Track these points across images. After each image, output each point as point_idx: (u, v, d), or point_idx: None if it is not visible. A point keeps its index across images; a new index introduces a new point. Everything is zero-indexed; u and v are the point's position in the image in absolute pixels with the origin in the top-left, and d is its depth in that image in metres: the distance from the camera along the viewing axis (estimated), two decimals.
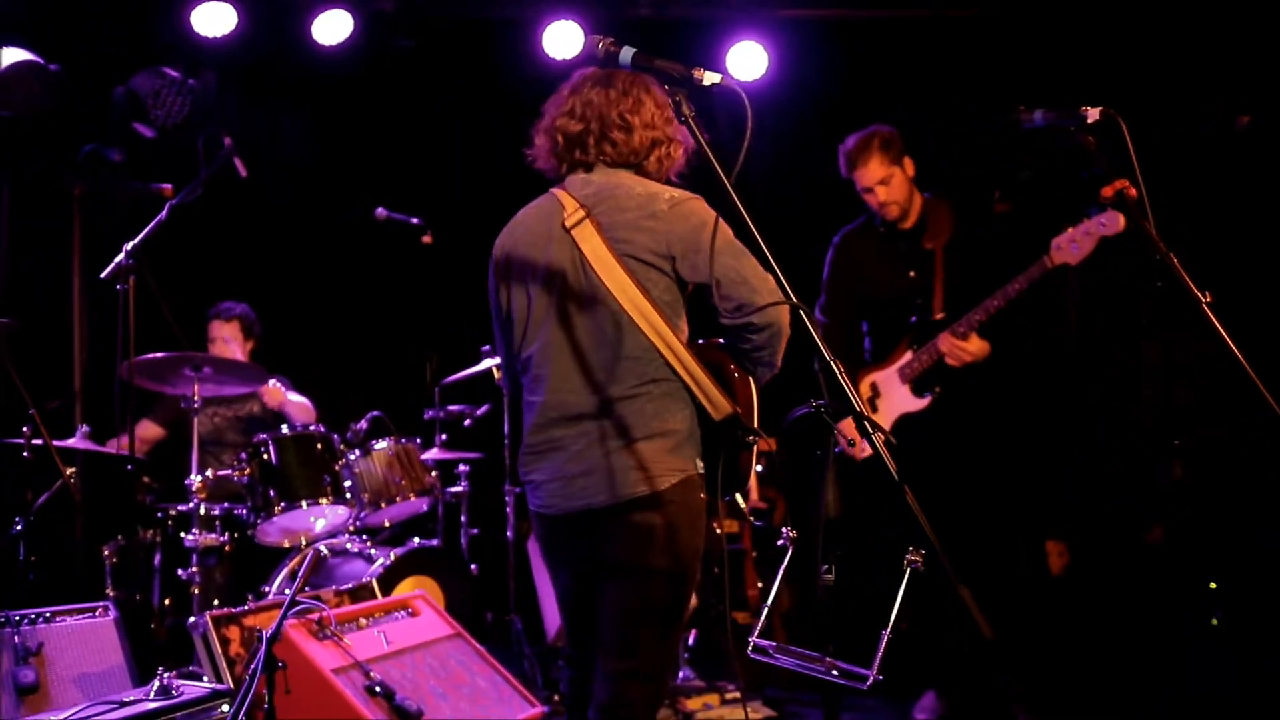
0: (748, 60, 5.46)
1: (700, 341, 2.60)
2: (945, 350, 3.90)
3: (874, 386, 4.13)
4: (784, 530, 2.28)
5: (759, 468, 4.90)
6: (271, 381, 4.70)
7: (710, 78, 2.13)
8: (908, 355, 4.03)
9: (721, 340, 2.59)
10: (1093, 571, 4.63)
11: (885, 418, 4.08)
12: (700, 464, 2.52)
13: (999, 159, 4.20)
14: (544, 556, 2.71)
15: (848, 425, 3.48)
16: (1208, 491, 4.31)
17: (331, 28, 5.31)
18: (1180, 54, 4.71)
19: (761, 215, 2.05)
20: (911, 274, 4.08)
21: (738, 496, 2.60)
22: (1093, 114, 2.59)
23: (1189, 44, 4.69)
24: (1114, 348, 4.76)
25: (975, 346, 3.87)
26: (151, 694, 2.72)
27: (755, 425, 2.54)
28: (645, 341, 2.46)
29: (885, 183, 4.02)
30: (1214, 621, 3.92)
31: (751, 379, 2.58)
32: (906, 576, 1.96)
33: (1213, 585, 3.96)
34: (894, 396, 4.08)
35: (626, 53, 2.19)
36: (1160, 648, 4.17)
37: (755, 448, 2.56)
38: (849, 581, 2.14)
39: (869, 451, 3.60)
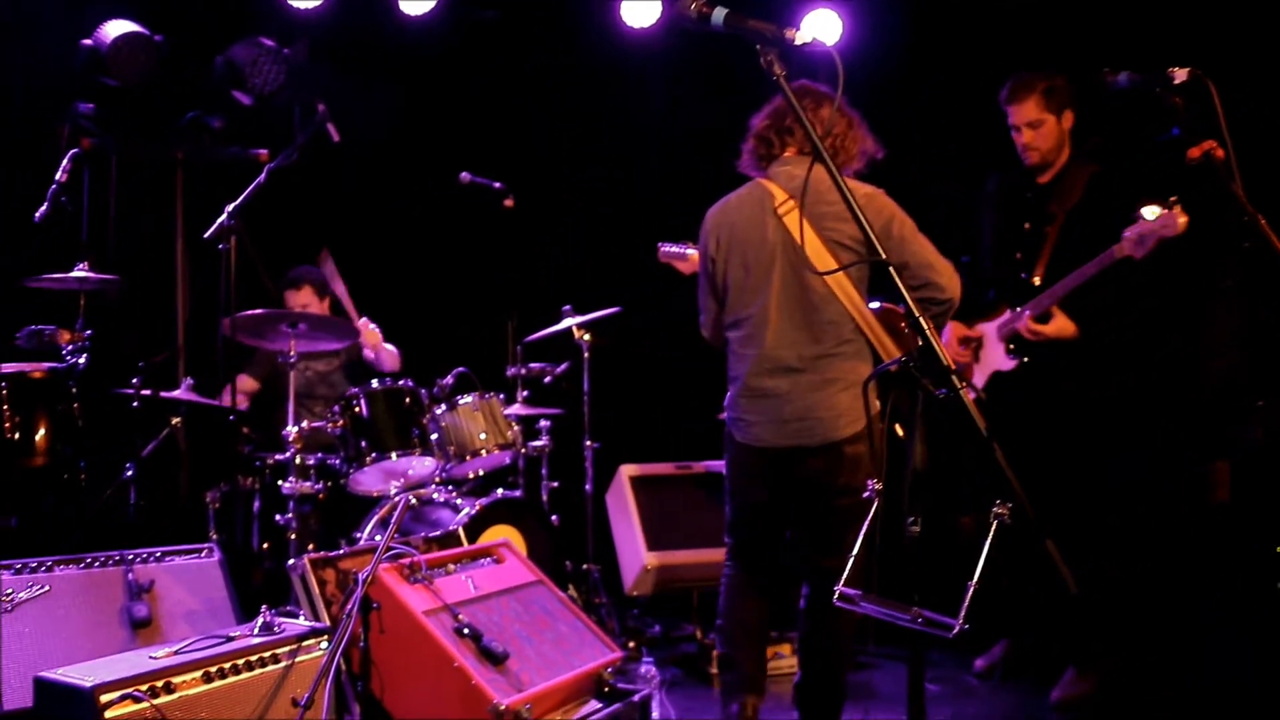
0: (822, 27, 5.46)
1: (880, 305, 3.21)
2: (1022, 331, 3.84)
3: (982, 338, 4.06)
4: (869, 483, 2.27)
5: None
6: (367, 322, 4.80)
7: (802, 37, 2.12)
8: (1007, 314, 3.96)
9: (887, 304, 3.24)
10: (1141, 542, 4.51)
11: (983, 371, 4.02)
12: (878, 403, 3.11)
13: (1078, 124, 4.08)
14: (737, 477, 3.21)
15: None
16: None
17: None
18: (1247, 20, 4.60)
19: None
20: (1026, 225, 3.97)
21: (897, 426, 3.29)
22: (1180, 75, 2.61)
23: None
24: (1193, 311, 4.64)
25: (1054, 328, 3.78)
26: (256, 630, 2.80)
27: None
28: (841, 309, 3.06)
29: (1034, 126, 3.92)
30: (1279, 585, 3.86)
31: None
32: (993, 529, 1.97)
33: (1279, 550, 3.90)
34: (993, 352, 4.01)
35: (719, 13, 2.19)
36: (1180, 637, 4.15)
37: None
38: (934, 533, 2.15)
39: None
